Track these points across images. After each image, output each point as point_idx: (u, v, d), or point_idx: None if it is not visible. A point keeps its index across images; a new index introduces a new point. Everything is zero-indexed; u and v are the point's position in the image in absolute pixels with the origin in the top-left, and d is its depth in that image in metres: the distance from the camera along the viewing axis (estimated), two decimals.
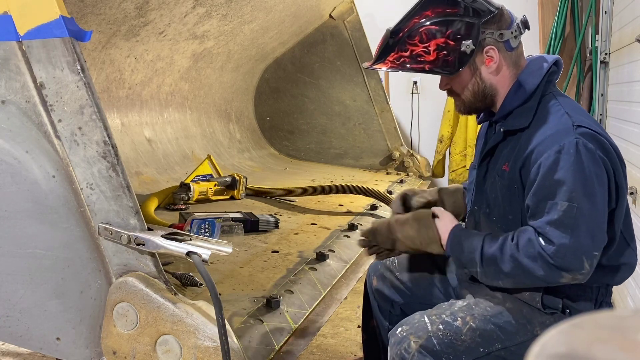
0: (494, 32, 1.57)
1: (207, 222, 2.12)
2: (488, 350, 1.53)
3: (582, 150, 1.45)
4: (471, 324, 1.55)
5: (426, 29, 1.57)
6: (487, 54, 1.58)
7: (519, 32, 1.60)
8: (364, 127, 4.42)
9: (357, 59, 4.33)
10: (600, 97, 4.07)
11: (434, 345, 1.52)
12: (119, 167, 1.29)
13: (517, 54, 1.62)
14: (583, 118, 1.53)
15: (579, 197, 1.43)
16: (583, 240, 1.43)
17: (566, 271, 1.45)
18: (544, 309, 1.55)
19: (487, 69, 1.60)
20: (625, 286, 3.19)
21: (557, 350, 0.43)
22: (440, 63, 1.57)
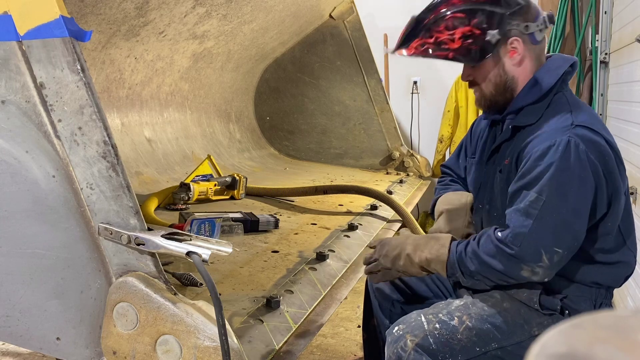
0: (520, 23, 1.56)
1: (207, 222, 2.12)
2: (484, 349, 1.54)
3: (571, 149, 1.45)
4: (467, 324, 1.56)
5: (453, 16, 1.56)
6: (511, 45, 1.58)
7: (544, 26, 1.59)
8: (364, 127, 4.42)
9: (357, 59, 4.33)
10: (600, 97, 4.07)
11: (430, 344, 1.53)
12: (119, 167, 1.29)
13: (541, 48, 1.62)
14: (586, 118, 1.52)
15: (551, 191, 1.44)
16: (543, 233, 1.44)
17: (523, 262, 1.46)
18: (542, 309, 1.55)
19: (511, 60, 1.60)
20: (625, 286, 3.19)
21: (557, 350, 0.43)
22: (464, 51, 1.57)
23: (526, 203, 1.47)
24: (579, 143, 1.46)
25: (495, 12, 1.55)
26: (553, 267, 1.48)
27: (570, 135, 1.47)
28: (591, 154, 1.46)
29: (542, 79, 1.59)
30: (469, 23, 1.55)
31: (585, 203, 1.46)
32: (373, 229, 2.60)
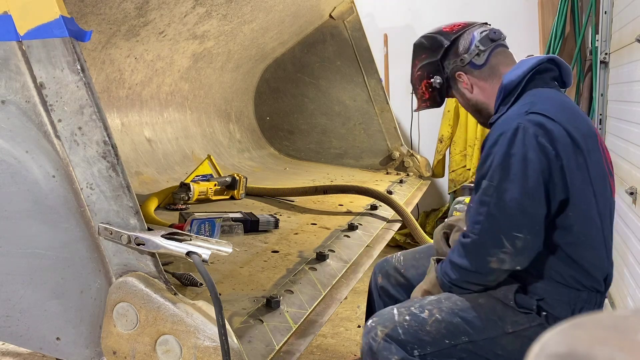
0: (455, 60, 1.79)
1: (207, 222, 2.12)
2: (454, 342, 1.58)
3: (519, 134, 1.50)
4: (437, 316, 1.60)
5: (416, 75, 1.90)
6: (459, 78, 1.80)
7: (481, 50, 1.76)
8: (364, 127, 4.42)
9: (357, 59, 4.33)
10: (600, 97, 4.07)
11: (399, 334, 1.59)
12: (119, 167, 1.29)
13: (491, 66, 1.77)
14: (547, 107, 1.56)
15: (500, 176, 1.50)
16: (498, 218, 1.50)
17: (486, 250, 1.52)
18: (517, 307, 1.58)
19: (467, 90, 1.81)
20: (625, 286, 3.19)
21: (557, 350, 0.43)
22: (431, 99, 1.89)
23: (480, 192, 1.54)
24: (528, 127, 1.50)
25: (431, 62, 1.84)
26: (520, 254, 1.50)
27: (520, 121, 1.52)
28: (541, 138, 1.49)
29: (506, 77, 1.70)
30: (424, 77, 1.87)
31: (536, 184, 1.49)
32: (373, 229, 2.60)
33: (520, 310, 1.58)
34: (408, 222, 2.79)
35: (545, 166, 1.49)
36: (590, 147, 1.56)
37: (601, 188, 1.56)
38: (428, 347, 1.58)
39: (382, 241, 2.52)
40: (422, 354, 1.58)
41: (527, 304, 1.58)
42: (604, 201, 1.57)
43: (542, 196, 1.49)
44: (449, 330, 1.59)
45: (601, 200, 1.56)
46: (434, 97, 1.88)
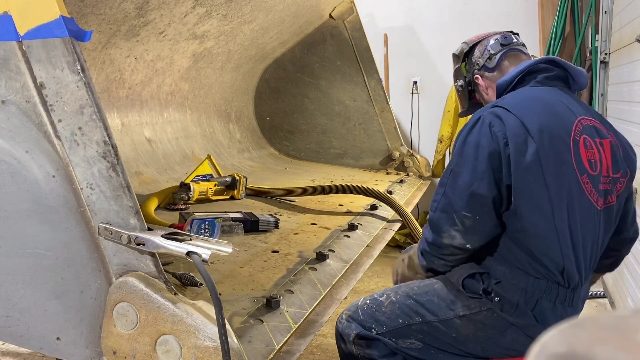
0: (471, 65, 1.99)
1: (207, 222, 2.12)
2: (407, 322, 1.72)
3: (477, 124, 1.64)
4: (392, 299, 1.77)
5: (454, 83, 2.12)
6: (478, 81, 1.99)
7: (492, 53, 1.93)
8: (364, 127, 4.42)
9: (357, 59, 4.33)
10: (600, 97, 4.07)
11: (359, 315, 1.78)
12: (119, 167, 1.30)
13: (501, 69, 1.93)
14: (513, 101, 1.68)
15: (457, 161, 1.65)
16: (451, 197, 1.64)
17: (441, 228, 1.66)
18: (465, 291, 1.68)
19: (483, 92, 1.99)
20: (625, 286, 3.19)
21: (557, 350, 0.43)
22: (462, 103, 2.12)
23: (442, 176, 1.72)
24: (486, 118, 1.63)
25: (457, 68, 2.07)
26: (469, 232, 1.62)
27: (482, 113, 1.67)
28: (495, 127, 1.60)
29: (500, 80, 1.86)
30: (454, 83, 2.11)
31: (484, 168, 1.59)
32: (373, 229, 2.60)
33: (468, 294, 1.67)
34: (408, 222, 2.80)
35: (495, 152, 1.59)
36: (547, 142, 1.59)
37: (558, 181, 1.58)
38: (384, 326, 1.73)
39: (382, 241, 2.52)
40: (380, 332, 1.74)
41: (474, 288, 1.66)
42: (560, 194, 1.58)
43: (490, 180, 1.59)
44: (402, 310, 1.73)
45: (556, 192, 1.58)
46: (462, 100, 2.10)
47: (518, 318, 1.63)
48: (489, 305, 1.64)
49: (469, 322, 1.66)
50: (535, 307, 1.62)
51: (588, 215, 1.63)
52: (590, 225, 1.64)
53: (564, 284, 1.63)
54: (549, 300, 1.62)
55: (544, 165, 1.58)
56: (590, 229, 1.64)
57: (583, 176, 1.62)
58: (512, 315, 1.63)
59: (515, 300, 1.62)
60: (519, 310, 1.62)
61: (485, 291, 1.65)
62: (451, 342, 1.69)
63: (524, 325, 1.63)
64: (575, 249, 1.61)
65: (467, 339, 1.68)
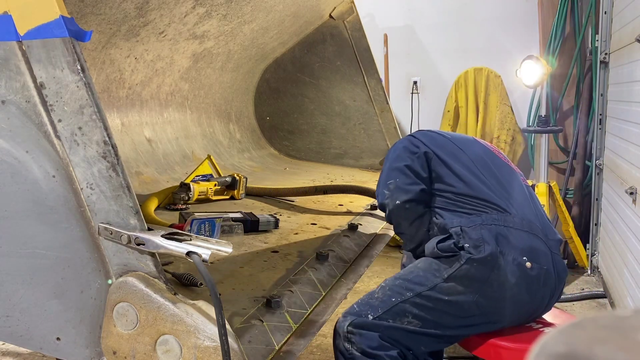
0: None
1: (207, 222, 2.12)
2: (401, 299, 1.86)
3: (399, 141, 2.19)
4: (382, 285, 1.95)
5: None
6: None
7: None
8: (364, 127, 4.42)
9: (357, 59, 4.33)
10: (600, 97, 4.07)
11: (354, 308, 1.91)
12: (119, 167, 1.30)
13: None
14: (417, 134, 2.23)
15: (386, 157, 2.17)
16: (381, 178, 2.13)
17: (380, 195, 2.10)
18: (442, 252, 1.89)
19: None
20: (625, 286, 3.19)
21: (557, 350, 0.43)
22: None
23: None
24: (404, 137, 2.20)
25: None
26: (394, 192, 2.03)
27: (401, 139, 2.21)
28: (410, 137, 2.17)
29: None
30: None
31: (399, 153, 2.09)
32: (373, 229, 2.60)
33: (446, 255, 1.88)
34: None
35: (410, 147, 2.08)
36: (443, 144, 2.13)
37: (459, 155, 2.08)
38: (379, 309, 1.85)
39: (382, 241, 2.52)
40: (376, 315, 1.84)
41: (448, 248, 1.88)
42: (467, 159, 2.07)
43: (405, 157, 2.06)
44: (393, 291, 1.89)
45: (464, 159, 2.07)
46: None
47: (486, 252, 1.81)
48: (466, 256, 1.82)
49: (456, 281, 1.84)
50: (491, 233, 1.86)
51: (503, 166, 2.11)
52: (507, 173, 2.09)
53: (500, 210, 1.93)
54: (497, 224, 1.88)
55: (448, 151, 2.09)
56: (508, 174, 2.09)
57: (491, 147, 2.20)
58: (481, 252, 1.82)
59: (476, 235, 1.85)
60: (482, 244, 1.83)
61: (456, 245, 1.86)
62: (447, 308, 1.83)
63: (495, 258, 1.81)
64: (492, 188, 1.99)
65: (459, 300, 1.83)
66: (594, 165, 4.19)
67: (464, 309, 1.84)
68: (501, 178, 2.05)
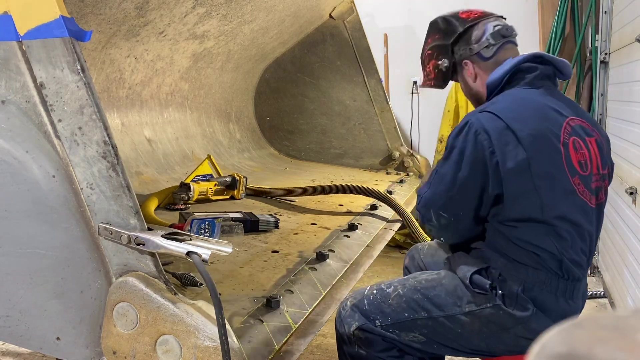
0: (465, 47, 1.88)
1: (207, 222, 2.12)
2: (413, 316, 1.72)
3: (464, 129, 1.67)
4: (399, 292, 1.77)
5: (427, 54, 1.99)
6: (466, 66, 1.90)
7: (492, 42, 1.85)
8: (364, 127, 4.42)
9: (357, 59, 4.33)
10: (600, 97, 4.07)
11: (364, 304, 1.78)
12: (119, 167, 1.30)
13: (496, 61, 1.85)
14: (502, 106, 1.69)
15: (442, 163, 1.72)
16: (431, 198, 1.74)
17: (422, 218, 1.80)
18: (472, 286, 1.68)
19: (470, 78, 1.91)
20: (625, 286, 3.19)
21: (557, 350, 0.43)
22: (435, 79, 1.99)
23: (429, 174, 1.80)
24: (473, 124, 1.65)
25: (442, 44, 1.92)
26: (443, 230, 1.76)
27: (470, 118, 1.67)
28: (481, 135, 1.62)
29: (490, 76, 1.84)
30: (433, 57, 1.96)
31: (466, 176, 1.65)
32: (373, 229, 2.60)
33: (475, 290, 1.68)
34: (408, 222, 2.80)
35: (478, 161, 1.63)
36: (539, 147, 1.62)
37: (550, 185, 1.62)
38: (389, 319, 1.73)
39: (382, 241, 2.52)
40: (384, 324, 1.74)
41: (481, 284, 1.67)
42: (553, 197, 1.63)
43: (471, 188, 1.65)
44: (408, 304, 1.74)
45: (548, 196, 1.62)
46: (439, 79, 1.97)
47: (520, 310, 1.63)
48: (495, 301, 1.65)
49: (475, 319, 1.67)
50: (536, 298, 1.64)
51: (583, 214, 1.67)
52: (587, 224, 1.68)
53: (563, 276, 1.65)
54: (549, 292, 1.64)
55: (534, 171, 1.60)
56: (587, 227, 1.68)
57: (574, 178, 1.65)
58: (514, 308, 1.63)
59: (514, 290, 1.64)
60: (519, 301, 1.63)
61: (492, 286, 1.66)
62: (455, 337, 1.70)
63: (526, 319, 1.63)
64: (572, 244, 1.65)
65: (471, 334, 1.69)
66: None
67: (472, 344, 1.71)
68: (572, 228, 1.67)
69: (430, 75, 1.99)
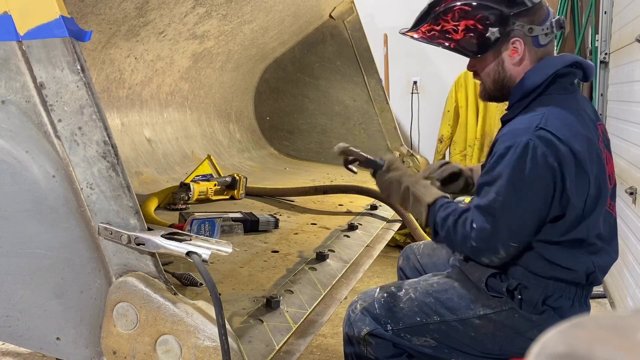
0: (524, 25, 1.61)
1: (207, 222, 2.12)
2: (425, 320, 1.67)
3: (529, 151, 1.49)
4: (411, 295, 1.71)
5: (460, 8, 1.64)
6: (512, 44, 1.63)
7: (550, 31, 1.63)
8: (364, 127, 4.42)
9: (357, 59, 4.33)
10: (600, 97, 4.07)
11: (375, 308, 1.71)
12: (119, 167, 1.29)
13: (546, 51, 1.66)
14: (557, 123, 1.54)
15: (508, 192, 1.51)
16: (501, 231, 1.53)
17: (483, 253, 1.58)
18: (488, 290, 1.64)
19: (511, 59, 1.65)
20: (625, 286, 3.19)
21: (557, 350, 0.43)
22: (465, 44, 1.66)
23: (486, 202, 1.54)
24: (537, 145, 1.49)
25: (499, 10, 1.60)
26: (509, 257, 1.58)
27: (530, 138, 1.50)
28: (549, 157, 1.49)
29: (529, 77, 1.64)
30: (474, 17, 1.62)
31: (541, 204, 1.52)
32: (373, 228, 2.60)
33: (491, 294, 1.64)
34: (408, 222, 2.79)
35: (551, 187, 1.50)
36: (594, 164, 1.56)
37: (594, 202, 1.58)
38: (400, 323, 1.68)
39: (382, 241, 2.52)
40: (395, 328, 1.68)
41: (498, 288, 1.63)
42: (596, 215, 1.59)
43: (543, 212, 1.53)
44: (420, 308, 1.68)
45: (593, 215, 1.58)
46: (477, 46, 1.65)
47: (538, 316, 1.61)
48: (510, 304, 1.62)
49: (489, 322, 1.64)
50: (555, 305, 1.62)
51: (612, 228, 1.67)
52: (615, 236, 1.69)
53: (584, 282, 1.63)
54: (568, 298, 1.63)
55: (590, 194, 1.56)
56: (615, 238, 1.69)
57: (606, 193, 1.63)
58: (532, 313, 1.61)
59: (535, 299, 1.61)
60: (538, 308, 1.61)
61: (508, 290, 1.62)
62: (468, 341, 1.67)
63: (543, 323, 1.61)
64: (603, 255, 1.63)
65: (485, 338, 1.65)
66: None
67: (485, 347, 1.67)
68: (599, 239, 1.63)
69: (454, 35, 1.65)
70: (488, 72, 1.69)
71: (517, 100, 1.66)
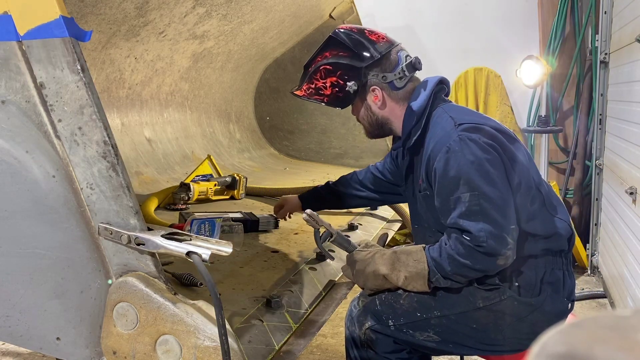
0: (378, 74, 1.79)
1: (207, 222, 2.12)
2: (425, 315, 1.70)
3: (467, 143, 1.60)
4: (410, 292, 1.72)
5: (324, 67, 1.84)
6: (373, 92, 1.81)
7: (403, 75, 1.80)
8: None
9: None
10: (600, 97, 4.07)
11: (376, 304, 1.74)
12: (119, 167, 1.29)
13: (406, 91, 1.82)
14: (466, 117, 1.70)
15: (477, 183, 1.57)
16: (497, 221, 1.57)
17: (497, 254, 1.57)
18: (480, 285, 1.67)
19: (375, 104, 1.83)
20: (625, 286, 3.19)
21: (557, 350, 0.43)
22: (333, 98, 1.85)
23: (466, 204, 1.58)
24: (469, 135, 1.61)
25: (353, 66, 1.79)
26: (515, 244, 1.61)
27: (458, 134, 1.62)
28: (483, 138, 1.61)
29: (414, 105, 1.79)
30: (335, 74, 1.81)
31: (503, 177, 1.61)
32: (373, 229, 2.60)
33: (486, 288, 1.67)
34: (407, 222, 2.79)
35: (498, 159, 1.61)
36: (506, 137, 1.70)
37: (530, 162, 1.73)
38: (401, 319, 1.71)
39: (382, 241, 2.51)
40: (397, 324, 1.71)
41: (490, 281, 1.66)
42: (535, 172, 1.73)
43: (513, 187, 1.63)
44: (420, 304, 1.70)
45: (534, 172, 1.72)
46: (340, 100, 1.84)
47: (536, 298, 1.66)
48: (508, 293, 1.66)
49: (489, 313, 1.67)
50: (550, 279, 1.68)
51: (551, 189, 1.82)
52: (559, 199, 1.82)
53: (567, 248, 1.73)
54: (558, 269, 1.71)
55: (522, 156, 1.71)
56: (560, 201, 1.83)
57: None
58: (531, 296, 1.66)
59: (533, 280, 1.66)
60: (537, 289, 1.67)
61: (503, 279, 1.65)
62: (471, 334, 1.70)
63: (542, 303, 1.66)
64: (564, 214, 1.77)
65: (487, 328, 1.69)
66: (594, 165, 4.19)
67: (489, 338, 1.70)
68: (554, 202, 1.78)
69: (324, 91, 1.85)
70: (363, 117, 1.87)
71: (414, 125, 1.77)
